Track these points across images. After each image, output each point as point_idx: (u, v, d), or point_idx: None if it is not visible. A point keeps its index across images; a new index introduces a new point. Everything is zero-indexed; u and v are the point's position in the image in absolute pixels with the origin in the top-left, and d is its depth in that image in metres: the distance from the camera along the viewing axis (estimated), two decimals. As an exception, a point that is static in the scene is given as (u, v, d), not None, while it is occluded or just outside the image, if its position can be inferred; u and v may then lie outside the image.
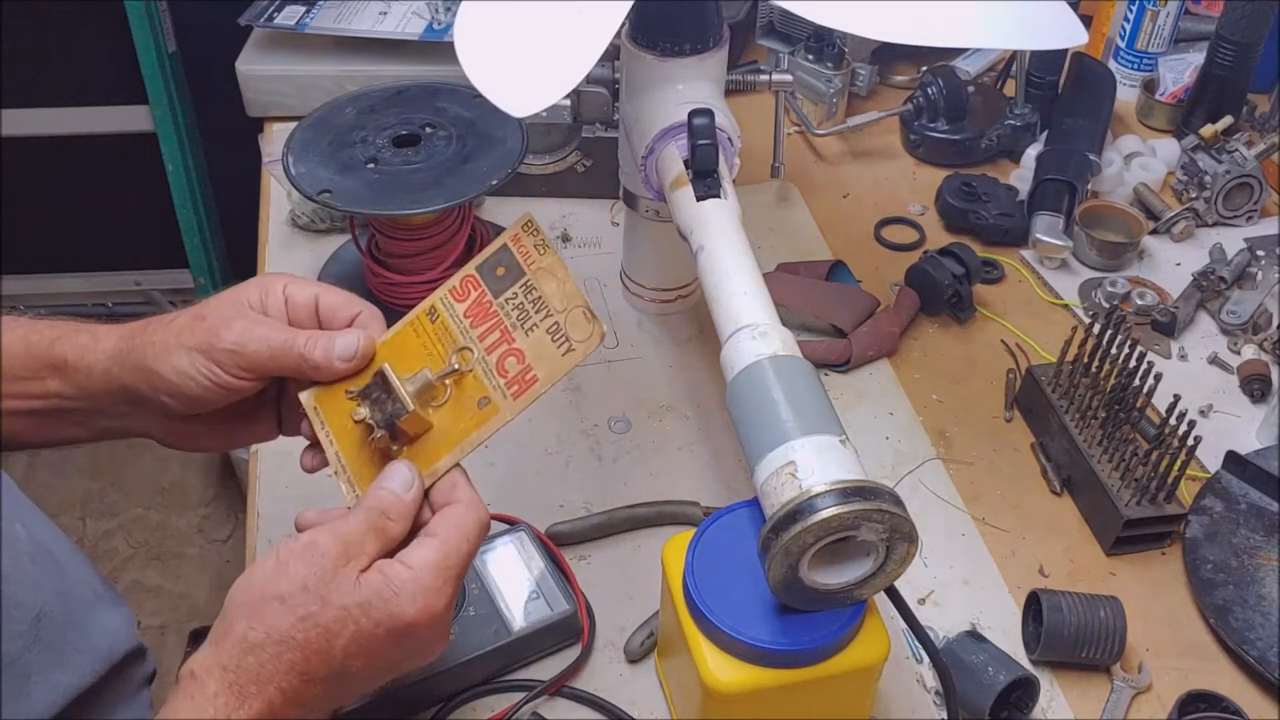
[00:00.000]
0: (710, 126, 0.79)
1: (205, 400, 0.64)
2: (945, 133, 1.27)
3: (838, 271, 1.10)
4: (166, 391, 0.64)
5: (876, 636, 0.64)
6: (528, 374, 0.64)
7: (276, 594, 0.56)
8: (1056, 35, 0.78)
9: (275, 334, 0.64)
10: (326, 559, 0.57)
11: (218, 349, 0.63)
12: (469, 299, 0.67)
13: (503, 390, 0.64)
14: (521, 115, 0.66)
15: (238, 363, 0.63)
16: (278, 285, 0.66)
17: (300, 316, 0.66)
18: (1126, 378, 0.88)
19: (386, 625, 0.57)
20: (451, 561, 0.59)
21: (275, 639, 0.55)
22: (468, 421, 0.64)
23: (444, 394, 0.65)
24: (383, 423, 0.62)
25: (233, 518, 2.05)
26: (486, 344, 0.66)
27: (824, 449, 0.60)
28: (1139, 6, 1.36)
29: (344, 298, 0.67)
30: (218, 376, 0.63)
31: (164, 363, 0.63)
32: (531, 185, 1.18)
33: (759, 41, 1.39)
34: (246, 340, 0.63)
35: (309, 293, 0.66)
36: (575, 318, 0.65)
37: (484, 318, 0.67)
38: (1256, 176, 1.19)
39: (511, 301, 0.66)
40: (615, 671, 0.78)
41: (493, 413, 0.64)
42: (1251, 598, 0.83)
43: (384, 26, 1.28)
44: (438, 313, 0.67)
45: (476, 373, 0.65)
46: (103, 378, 0.65)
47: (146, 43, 1.78)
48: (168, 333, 0.64)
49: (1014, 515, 0.90)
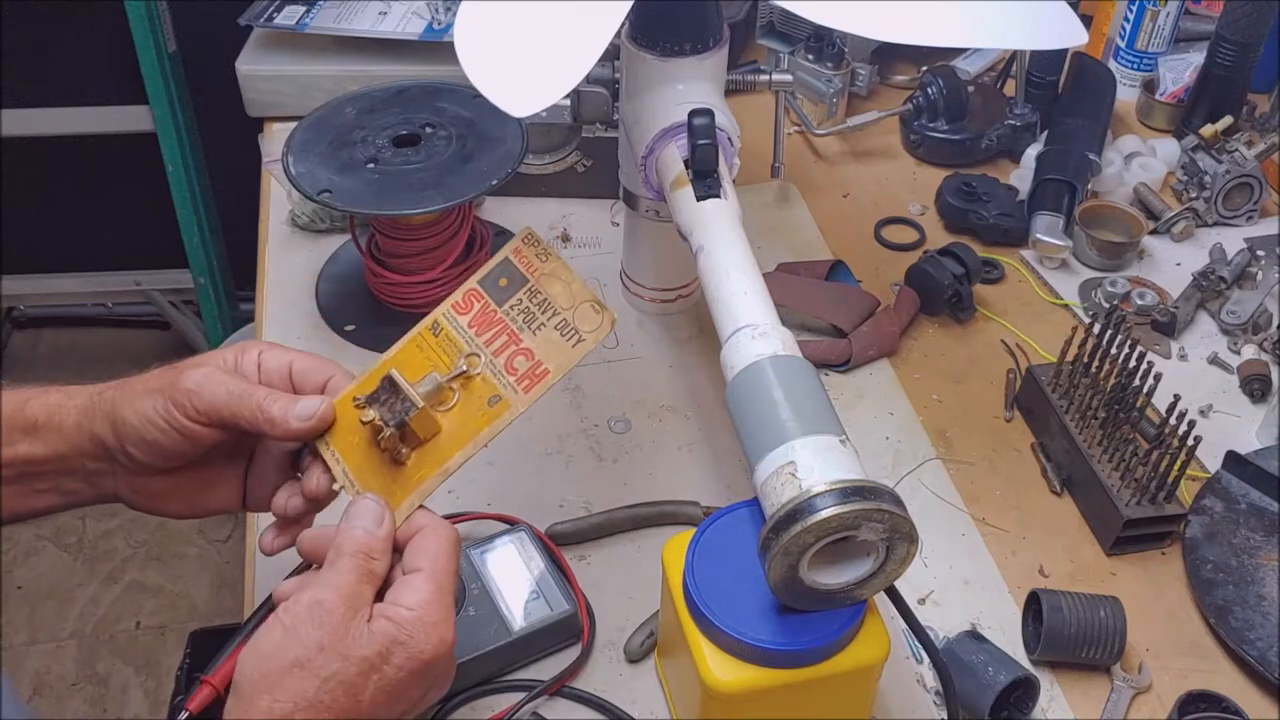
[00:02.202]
0: (710, 126, 0.79)
1: (164, 446, 0.64)
2: (945, 133, 1.27)
3: (838, 271, 1.10)
4: (129, 438, 0.64)
5: (876, 636, 0.64)
6: (538, 369, 0.65)
7: (295, 661, 0.55)
8: (1056, 35, 0.78)
9: (236, 383, 0.64)
10: (335, 616, 0.56)
11: (178, 389, 0.63)
12: (473, 311, 0.68)
13: (513, 387, 0.65)
14: (521, 115, 0.66)
15: (195, 404, 0.63)
16: (253, 350, 0.67)
17: (272, 380, 0.66)
18: (1126, 378, 0.88)
19: (409, 668, 0.57)
20: (445, 589, 0.59)
21: (304, 705, 0.54)
22: (478, 420, 0.64)
23: (452, 398, 0.65)
24: (392, 422, 0.63)
25: (233, 518, 2.05)
26: (493, 348, 0.66)
27: (824, 449, 0.60)
28: (1139, 6, 1.36)
29: (316, 363, 0.67)
30: (173, 418, 0.63)
31: (128, 407, 0.64)
32: (531, 185, 1.18)
33: (759, 41, 1.39)
34: (206, 384, 0.63)
35: (283, 359, 0.67)
36: (584, 312, 0.65)
37: (489, 325, 0.67)
38: (1256, 176, 1.19)
39: (517, 308, 0.67)
40: (615, 671, 0.78)
41: (503, 409, 0.64)
42: (1251, 598, 0.83)
43: (384, 26, 1.28)
44: (441, 327, 0.68)
45: (485, 375, 0.66)
46: (73, 433, 0.65)
47: (146, 43, 1.78)
48: (137, 381, 0.65)
49: (1014, 515, 0.90)
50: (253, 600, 0.81)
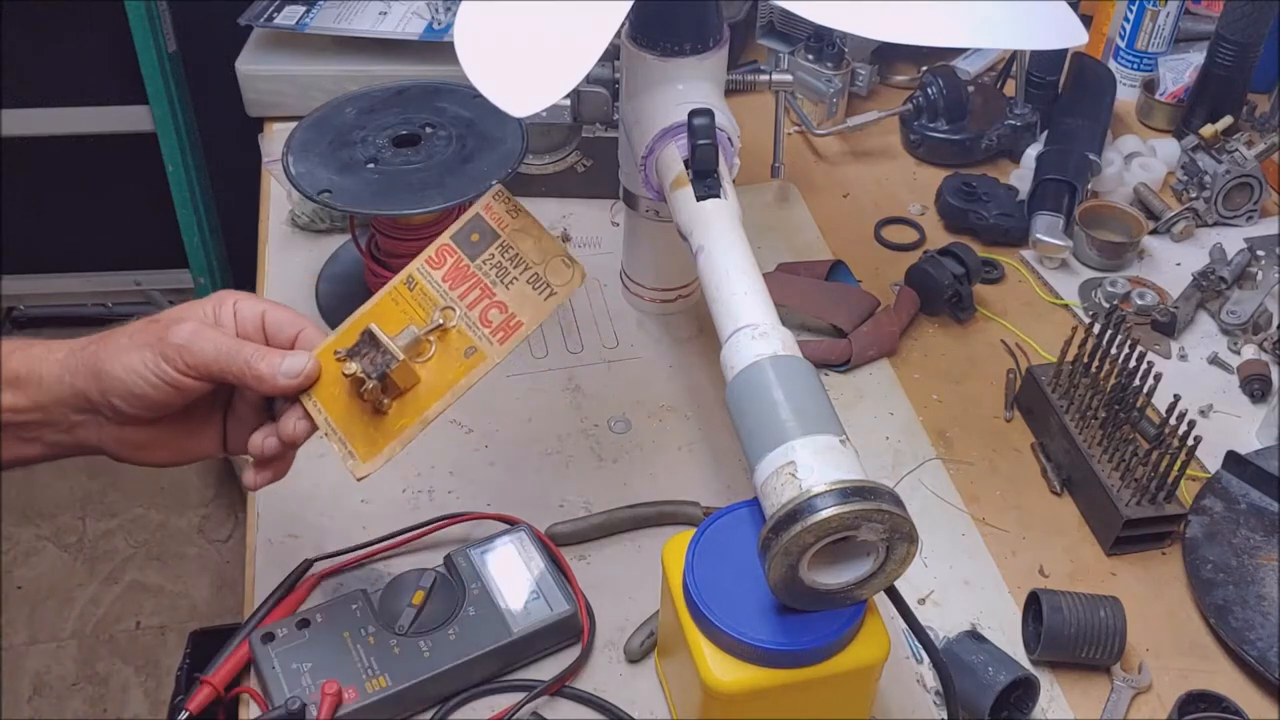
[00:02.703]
0: (710, 126, 0.79)
1: (153, 399, 0.66)
2: (945, 133, 1.27)
3: (838, 271, 1.10)
4: (116, 392, 0.66)
5: (876, 636, 0.64)
6: (511, 321, 0.68)
7: None
8: (1056, 35, 0.77)
9: (224, 340, 0.66)
10: None
11: (168, 344, 0.65)
12: (446, 265, 0.70)
13: (488, 338, 0.67)
14: (521, 115, 0.66)
15: (185, 359, 0.65)
16: (229, 300, 0.69)
17: (247, 330, 0.68)
18: (1126, 378, 0.88)
19: None
20: None
21: None
22: (455, 370, 0.67)
23: (429, 349, 0.68)
24: (374, 374, 0.65)
25: (233, 517, 2.05)
26: (467, 301, 0.69)
27: (824, 449, 0.60)
28: (1139, 6, 1.36)
29: (289, 315, 0.69)
30: (164, 373, 0.65)
31: (115, 362, 0.65)
32: (531, 185, 1.18)
33: (759, 41, 1.39)
34: (195, 340, 0.65)
35: (257, 309, 0.69)
36: (555, 266, 0.68)
37: (463, 279, 0.70)
38: (1256, 176, 1.19)
39: (489, 262, 0.70)
40: (615, 671, 0.78)
41: (479, 359, 0.67)
42: (1251, 598, 0.83)
43: (384, 26, 1.28)
44: (415, 281, 0.70)
45: (460, 327, 0.68)
46: (55, 385, 0.67)
47: (146, 43, 1.78)
48: (121, 335, 0.67)
49: (1014, 515, 0.90)
50: (253, 600, 0.81)
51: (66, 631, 1.89)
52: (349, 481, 0.82)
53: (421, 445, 0.92)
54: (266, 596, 0.80)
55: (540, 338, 1.03)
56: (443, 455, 0.92)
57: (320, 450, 0.74)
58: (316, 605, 0.78)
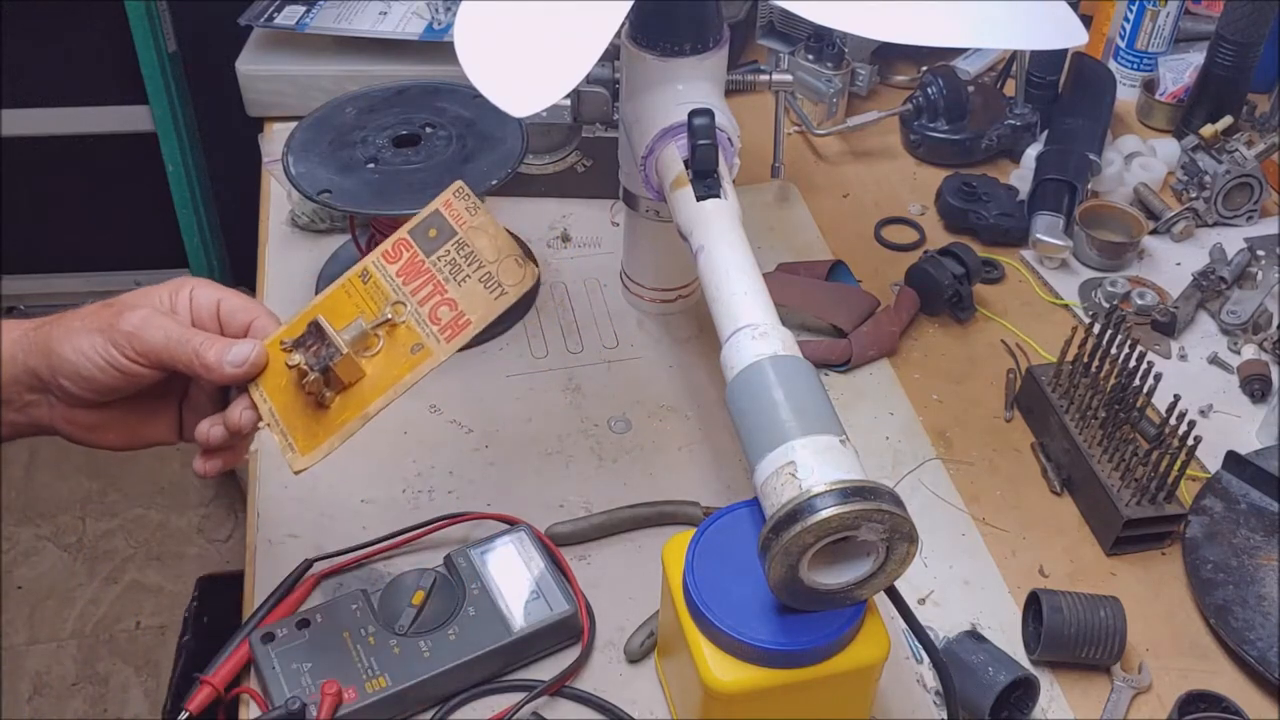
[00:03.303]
0: (710, 126, 0.79)
1: (101, 383, 0.66)
2: (945, 133, 1.27)
3: (838, 271, 1.10)
4: (64, 372, 0.66)
5: (876, 636, 0.64)
6: (460, 319, 0.67)
7: None
8: (1056, 35, 0.77)
9: (174, 328, 0.66)
10: None
11: (118, 330, 0.65)
12: (401, 259, 0.70)
13: (435, 336, 0.67)
14: (521, 115, 0.66)
15: (134, 345, 0.65)
16: (186, 288, 0.69)
17: (203, 318, 0.69)
18: (1126, 378, 0.88)
19: None
20: None
21: None
22: (400, 366, 0.67)
23: (377, 344, 0.68)
24: (317, 366, 0.65)
25: (233, 517, 2.05)
26: (419, 297, 0.68)
27: (824, 449, 0.60)
28: (1139, 6, 1.36)
29: (244, 302, 0.69)
30: (113, 358, 0.65)
31: (65, 343, 0.66)
32: (531, 185, 1.18)
33: (759, 41, 1.39)
34: (145, 327, 0.66)
35: (212, 297, 0.69)
36: (508, 266, 0.68)
37: (416, 274, 0.69)
38: (1256, 176, 1.19)
39: (444, 259, 0.69)
40: (615, 671, 0.78)
41: (425, 356, 0.67)
42: (1251, 598, 0.83)
43: (384, 26, 1.28)
44: (370, 274, 0.70)
45: (409, 323, 0.68)
46: (9, 364, 0.67)
47: (147, 42, 1.78)
48: (74, 317, 0.67)
49: (1014, 515, 0.90)
50: (253, 600, 0.81)
51: (66, 631, 1.89)
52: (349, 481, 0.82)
53: (422, 445, 0.93)
54: (266, 596, 0.80)
55: (540, 338, 1.03)
56: (443, 455, 0.92)
57: (320, 450, 0.74)
58: (316, 605, 0.78)
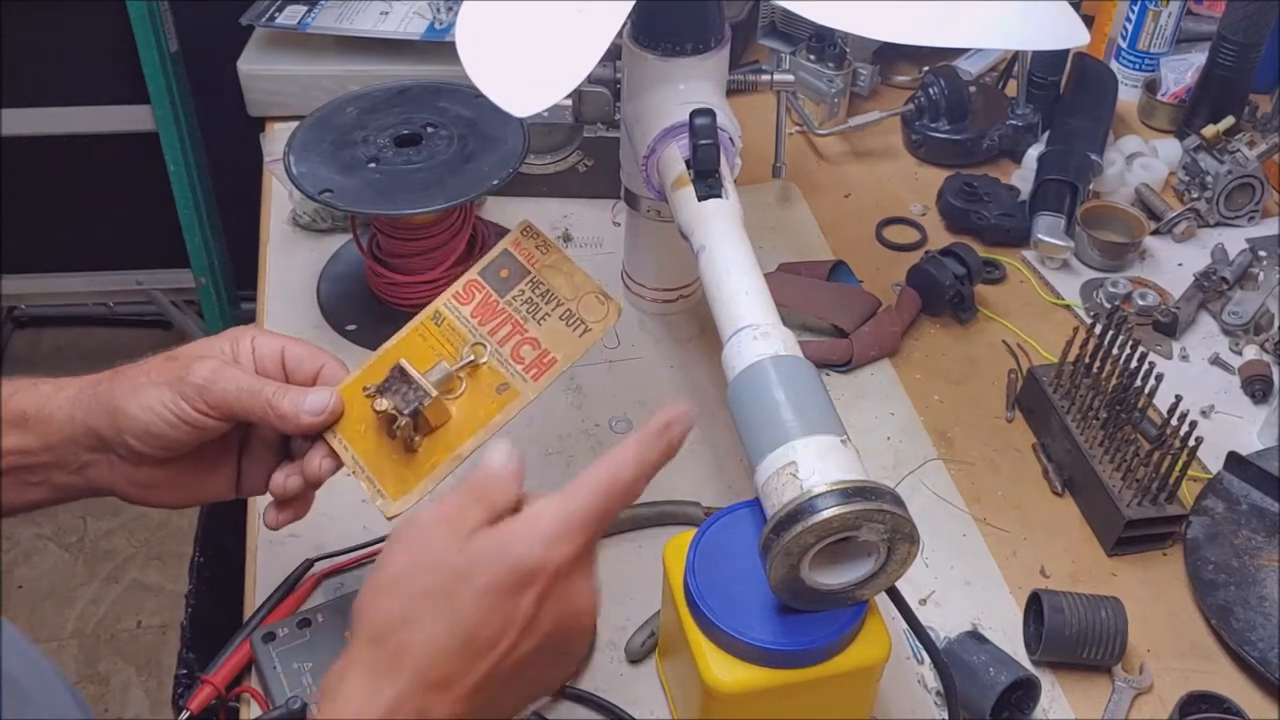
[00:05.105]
0: (712, 126, 0.79)
1: (170, 439, 0.64)
2: (947, 133, 1.27)
3: (839, 271, 1.10)
4: (132, 430, 0.63)
5: (877, 637, 0.64)
6: (545, 357, 0.67)
7: (386, 579, 0.54)
8: (1058, 35, 0.78)
9: (245, 378, 0.64)
10: (426, 530, 0.54)
11: (187, 383, 0.63)
12: (474, 301, 0.69)
13: (520, 375, 0.66)
14: (523, 115, 0.66)
15: (206, 399, 0.63)
16: (246, 337, 0.67)
17: (266, 368, 0.67)
18: (1128, 378, 0.88)
19: (509, 577, 0.52)
20: (575, 510, 0.54)
21: (396, 624, 0.52)
22: (488, 407, 0.66)
23: (460, 386, 0.67)
24: (407, 410, 0.64)
25: (233, 517, 2.05)
26: (498, 338, 0.68)
27: (825, 449, 0.60)
28: (1141, 7, 1.36)
29: (309, 350, 0.67)
30: (184, 412, 0.63)
31: (132, 400, 0.63)
32: (533, 185, 1.18)
33: (760, 41, 1.39)
34: (215, 379, 0.63)
35: (275, 345, 0.67)
36: (588, 303, 0.67)
37: (492, 315, 0.69)
38: (1258, 177, 1.18)
39: (519, 298, 0.68)
40: (616, 671, 0.78)
41: (512, 396, 0.66)
42: (1253, 598, 0.83)
43: (385, 26, 1.28)
44: (443, 316, 0.69)
45: (492, 363, 0.67)
46: (65, 424, 0.64)
47: (148, 42, 1.78)
48: (137, 372, 0.65)
49: (1015, 516, 0.90)
50: (253, 600, 0.81)
51: (67, 631, 1.89)
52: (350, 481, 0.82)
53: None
54: (267, 596, 0.80)
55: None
56: (444, 455, 0.92)
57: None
58: (317, 605, 0.78)
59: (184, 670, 0.93)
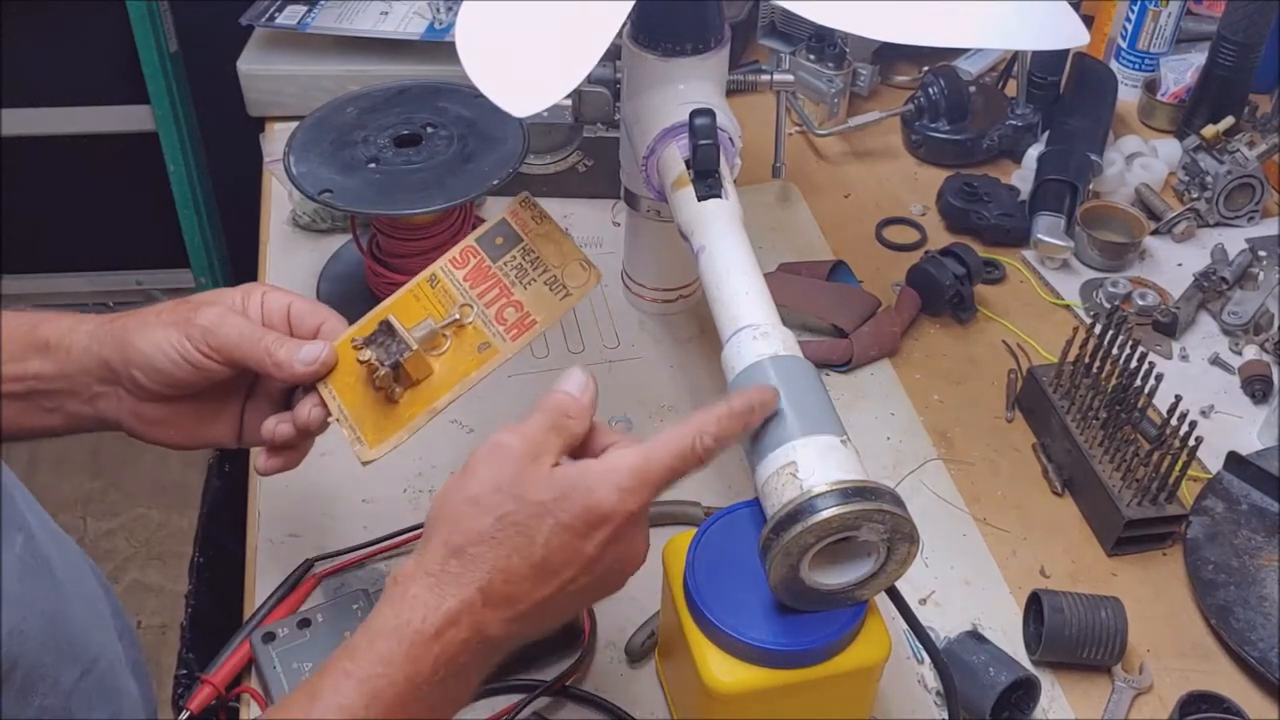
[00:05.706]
0: (711, 126, 0.79)
1: (174, 377, 0.67)
2: (947, 133, 1.27)
3: (839, 272, 1.10)
4: (139, 364, 0.67)
5: (877, 637, 0.64)
6: (526, 319, 0.70)
7: (469, 498, 0.57)
8: (1058, 35, 0.77)
9: (247, 325, 0.68)
10: (513, 457, 0.58)
11: (194, 325, 0.67)
12: (468, 265, 0.72)
13: (502, 335, 0.69)
14: (523, 115, 0.66)
15: (208, 341, 0.67)
16: (257, 292, 0.71)
17: (273, 321, 0.71)
18: (1128, 378, 0.88)
19: (584, 518, 0.57)
20: (651, 468, 0.59)
21: (474, 540, 0.56)
22: (467, 364, 0.69)
23: (444, 343, 0.70)
24: (388, 362, 0.67)
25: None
26: (485, 300, 0.71)
27: (825, 449, 0.60)
28: (1140, 7, 1.36)
29: (313, 306, 0.72)
30: (187, 352, 0.67)
31: (141, 336, 0.68)
32: (533, 185, 1.18)
33: (760, 41, 1.39)
34: (219, 324, 0.67)
35: (283, 300, 0.71)
36: (572, 269, 0.71)
37: (483, 279, 0.72)
38: (1258, 177, 1.19)
39: (510, 264, 0.72)
40: (616, 671, 0.78)
41: (492, 354, 0.69)
42: (1253, 598, 0.83)
43: (385, 26, 1.28)
44: (438, 279, 0.72)
45: (477, 324, 0.70)
46: (82, 355, 0.68)
47: (148, 42, 1.78)
48: (150, 313, 0.69)
49: (1015, 516, 0.90)
50: (253, 600, 0.81)
51: (67, 631, 1.89)
52: (350, 481, 0.82)
53: (423, 445, 0.92)
54: (267, 596, 0.80)
55: (542, 338, 1.03)
56: (444, 455, 0.92)
57: (322, 450, 0.74)
58: (317, 605, 0.78)
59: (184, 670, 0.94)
